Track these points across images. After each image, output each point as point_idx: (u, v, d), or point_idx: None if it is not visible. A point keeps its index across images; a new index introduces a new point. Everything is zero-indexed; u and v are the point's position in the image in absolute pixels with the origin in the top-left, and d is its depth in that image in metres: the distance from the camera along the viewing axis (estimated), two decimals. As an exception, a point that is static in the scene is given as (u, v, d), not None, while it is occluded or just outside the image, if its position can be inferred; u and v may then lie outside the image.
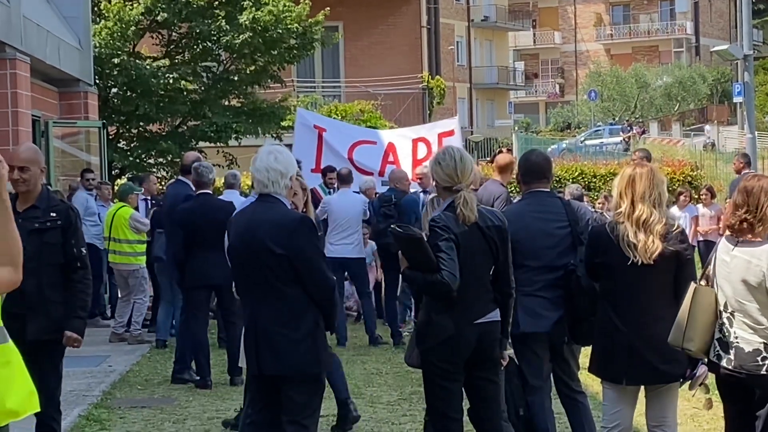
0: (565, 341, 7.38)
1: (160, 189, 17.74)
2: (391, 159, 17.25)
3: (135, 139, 23.70)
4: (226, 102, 24.43)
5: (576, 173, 28.80)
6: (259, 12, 22.73)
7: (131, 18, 22.27)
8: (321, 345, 6.36)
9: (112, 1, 22.71)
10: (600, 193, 25.72)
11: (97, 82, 20.99)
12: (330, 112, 33.07)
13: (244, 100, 24.40)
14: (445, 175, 6.58)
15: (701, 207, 18.57)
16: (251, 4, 22.92)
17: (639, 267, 6.36)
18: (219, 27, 22.57)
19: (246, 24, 22.55)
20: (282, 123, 24.60)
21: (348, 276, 14.92)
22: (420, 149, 17.30)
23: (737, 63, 28.64)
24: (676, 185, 24.73)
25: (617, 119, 67.46)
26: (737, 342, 5.93)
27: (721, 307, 6.02)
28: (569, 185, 14.21)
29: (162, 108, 22.80)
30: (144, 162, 23.35)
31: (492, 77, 70.36)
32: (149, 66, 22.36)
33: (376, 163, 17.15)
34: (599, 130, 59.38)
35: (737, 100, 33.40)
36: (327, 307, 6.34)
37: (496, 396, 6.70)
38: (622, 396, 6.58)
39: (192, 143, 23.72)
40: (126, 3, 22.65)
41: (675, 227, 6.49)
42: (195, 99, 23.37)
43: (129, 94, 22.67)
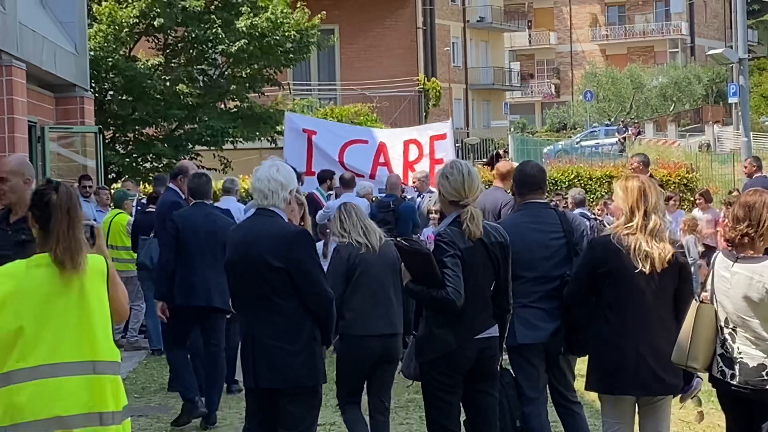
0: (561, 352, 7.40)
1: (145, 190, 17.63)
2: (382, 160, 17.23)
3: (131, 143, 23.71)
4: (222, 105, 24.43)
5: (572, 175, 28.76)
6: (257, 18, 22.73)
7: (124, 19, 22.26)
8: (318, 358, 6.38)
9: (102, 4, 22.68)
10: (596, 196, 25.80)
11: (93, 85, 20.99)
12: (326, 114, 33.08)
13: (240, 103, 24.40)
14: (453, 190, 6.59)
15: (697, 211, 18.57)
16: (249, 9, 22.93)
17: (646, 277, 6.38)
18: (215, 34, 22.56)
19: (243, 30, 22.55)
20: (277, 127, 24.61)
21: None
22: (411, 151, 17.29)
23: (732, 65, 28.63)
24: (672, 188, 24.73)
25: (613, 120, 67.50)
26: (741, 357, 5.95)
27: (722, 323, 6.03)
28: (572, 190, 14.21)
29: (158, 112, 22.81)
30: (140, 165, 23.36)
31: (488, 78, 70.37)
32: (143, 65, 22.35)
33: (366, 166, 17.12)
34: (595, 130, 59.40)
35: (732, 100, 33.43)
36: (325, 320, 6.37)
37: (493, 408, 6.75)
38: (624, 409, 6.58)
39: (188, 147, 23.74)
40: (118, 5, 22.63)
41: (677, 242, 6.54)
42: (191, 103, 23.37)
43: (125, 97, 22.67)
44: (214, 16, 23.02)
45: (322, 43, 25.91)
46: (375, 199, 15.16)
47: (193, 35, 22.99)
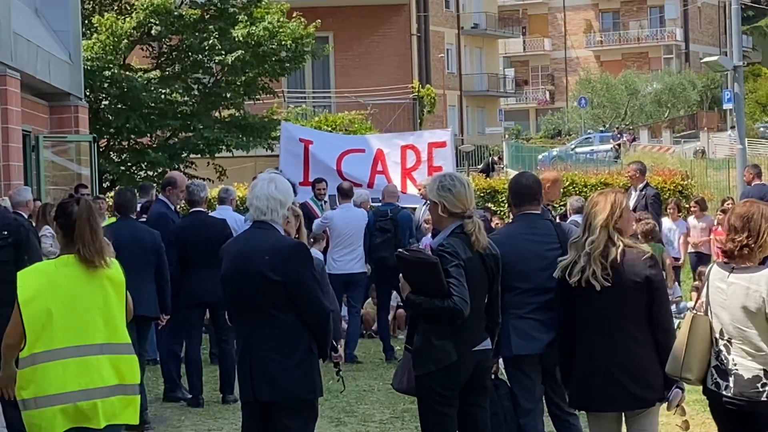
0: (557, 363, 7.39)
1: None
2: (380, 169, 17.18)
3: (126, 152, 23.69)
4: (216, 113, 24.41)
5: (567, 183, 28.75)
6: (254, 27, 22.73)
7: (124, 32, 22.27)
8: (315, 371, 6.38)
9: (104, 15, 22.70)
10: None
11: (88, 95, 20.98)
12: (320, 122, 33.07)
13: (234, 112, 24.39)
14: (458, 201, 6.62)
15: (692, 219, 18.55)
16: (246, 18, 22.93)
17: (606, 293, 6.31)
18: (212, 45, 22.55)
19: (239, 39, 22.55)
20: (273, 134, 24.58)
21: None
22: (409, 157, 17.24)
23: (727, 72, 28.65)
24: (667, 195, 24.73)
25: (608, 126, 67.57)
26: (736, 369, 5.93)
27: (717, 335, 6.02)
28: (570, 198, 14.21)
29: (152, 121, 22.79)
30: (135, 174, 23.34)
31: (482, 85, 70.44)
32: (140, 78, 22.35)
33: (365, 174, 17.09)
34: (590, 137, 59.47)
35: (727, 107, 33.48)
36: (321, 334, 6.36)
37: (485, 422, 6.78)
38: (607, 424, 6.57)
39: (183, 155, 23.72)
40: (119, 17, 22.65)
41: (646, 253, 6.49)
42: (185, 112, 23.35)
43: (119, 107, 22.66)
44: (210, 25, 23.00)
45: (317, 53, 25.90)
46: (372, 208, 15.16)
47: (188, 43, 22.98)
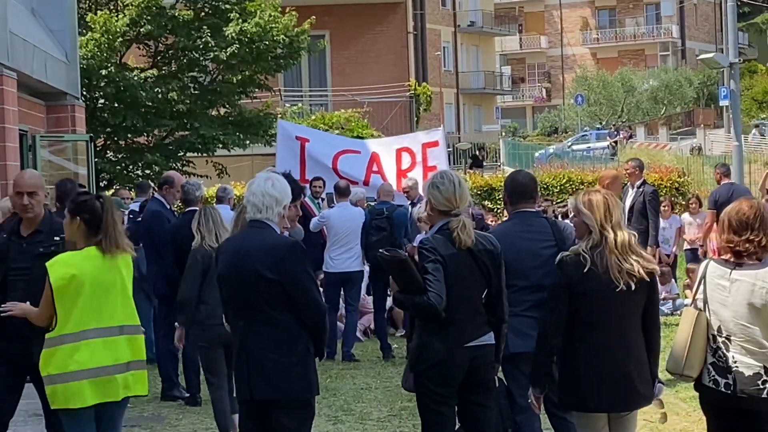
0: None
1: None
2: (376, 168, 17.20)
3: (122, 150, 23.70)
4: (213, 112, 24.42)
5: (563, 180, 28.82)
6: (246, 24, 22.75)
7: (118, 29, 22.28)
8: (312, 370, 6.38)
9: (98, 13, 22.70)
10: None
11: (85, 94, 20.97)
12: (317, 121, 33.07)
13: (231, 110, 24.40)
14: (444, 200, 6.64)
15: (687, 216, 18.58)
16: (237, 15, 22.95)
17: (622, 292, 6.31)
18: (206, 43, 22.57)
19: (232, 36, 22.57)
20: (270, 131, 24.59)
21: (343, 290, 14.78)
22: (404, 159, 17.27)
23: (723, 69, 28.69)
24: (663, 192, 24.77)
25: (604, 123, 67.59)
26: (736, 366, 5.95)
27: (714, 332, 6.04)
28: (571, 198, 14.21)
29: (149, 120, 22.80)
30: (132, 173, 23.35)
31: (479, 82, 70.45)
32: (137, 77, 22.37)
33: (360, 173, 17.11)
34: (586, 134, 59.50)
35: (723, 103, 33.48)
36: (318, 333, 6.37)
37: (489, 419, 6.75)
38: (598, 425, 6.57)
39: (180, 153, 23.74)
40: (112, 14, 22.65)
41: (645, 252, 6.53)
42: (182, 110, 23.36)
43: (116, 105, 22.67)
44: (204, 24, 23.01)
45: (312, 48, 25.92)
46: (368, 207, 15.18)
47: (182, 44, 22.99)
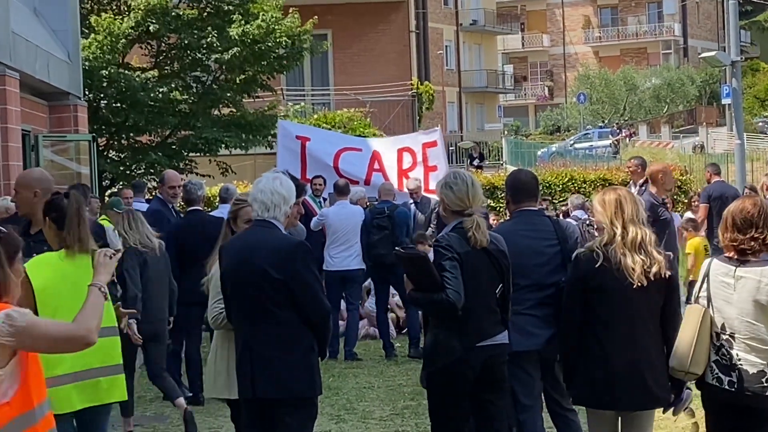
0: (557, 359, 7.41)
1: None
2: (377, 167, 17.24)
3: (125, 150, 23.71)
4: (215, 112, 24.42)
5: (566, 179, 28.82)
6: (249, 26, 22.76)
7: (121, 31, 22.30)
8: (315, 369, 6.39)
9: (102, 15, 22.73)
10: (590, 199, 25.83)
11: (87, 93, 20.99)
12: (319, 120, 33.07)
13: (233, 110, 24.40)
14: (457, 199, 6.68)
15: (689, 214, 18.59)
16: (240, 17, 22.96)
17: (635, 290, 6.35)
18: (209, 43, 22.59)
19: (235, 37, 22.58)
20: (272, 133, 24.59)
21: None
22: (405, 159, 17.31)
23: (725, 67, 28.69)
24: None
25: (606, 122, 67.57)
26: (740, 364, 5.96)
27: (718, 329, 6.05)
28: (571, 195, 14.28)
29: (151, 120, 22.81)
30: (134, 173, 23.36)
31: (481, 81, 70.45)
32: (139, 78, 22.38)
33: (362, 172, 17.14)
34: (588, 133, 59.50)
35: (726, 101, 33.46)
36: (321, 332, 6.39)
37: (501, 417, 6.79)
38: (611, 421, 6.60)
39: (183, 153, 23.74)
40: (116, 17, 22.68)
41: (667, 253, 6.54)
42: (184, 110, 23.37)
43: (119, 105, 22.68)
44: (207, 24, 23.03)
45: (315, 49, 25.92)
46: (370, 206, 15.20)
47: (186, 42, 23.00)
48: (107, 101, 22.70)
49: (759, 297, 5.89)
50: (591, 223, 16.48)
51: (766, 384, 5.90)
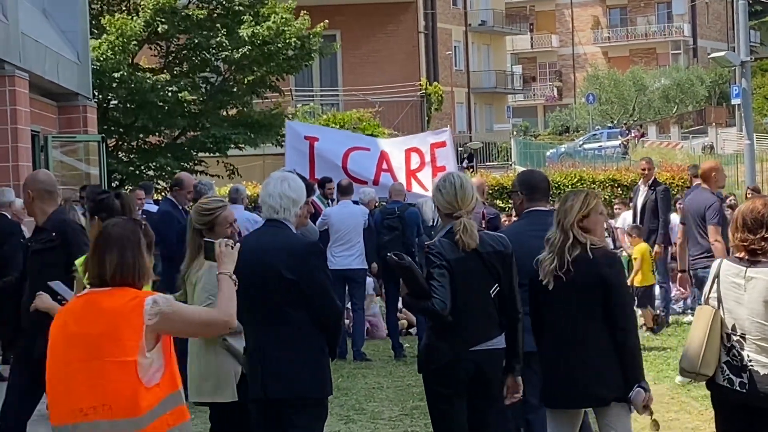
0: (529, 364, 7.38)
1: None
2: (386, 167, 17.24)
3: (134, 151, 23.76)
4: (224, 112, 24.46)
5: (575, 179, 28.79)
6: (259, 27, 22.79)
7: (133, 32, 22.33)
8: (326, 369, 6.38)
9: (115, 15, 22.76)
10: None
11: (97, 94, 21.03)
12: (328, 120, 33.10)
13: (242, 110, 24.44)
14: (446, 202, 6.63)
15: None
16: (251, 18, 22.99)
17: (565, 289, 6.39)
18: (219, 42, 22.63)
19: (245, 38, 22.61)
20: (280, 131, 24.62)
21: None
22: (413, 159, 17.30)
23: (735, 68, 28.63)
24: (675, 191, 24.71)
25: (615, 122, 67.52)
26: (751, 365, 5.94)
27: (729, 330, 6.02)
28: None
29: (161, 120, 22.85)
30: (143, 174, 23.41)
31: (490, 81, 70.42)
32: (149, 80, 22.41)
33: (370, 172, 17.14)
34: (597, 133, 59.44)
35: (735, 102, 33.38)
36: (332, 333, 6.38)
37: (495, 423, 6.69)
38: (567, 421, 6.61)
39: (192, 154, 23.78)
40: (127, 18, 22.71)
41: (608, 253, 6.60)
42: (194, 110, 23.41)
43: (128, 106, 22.73)
44: (217, 24, 23.07)
45: (324, 51, 25.94)
46: (380, 206, 15.19)
47: (196, 42, 23.04)
48: (117, 102, 22.75)
49: None
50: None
51: None
